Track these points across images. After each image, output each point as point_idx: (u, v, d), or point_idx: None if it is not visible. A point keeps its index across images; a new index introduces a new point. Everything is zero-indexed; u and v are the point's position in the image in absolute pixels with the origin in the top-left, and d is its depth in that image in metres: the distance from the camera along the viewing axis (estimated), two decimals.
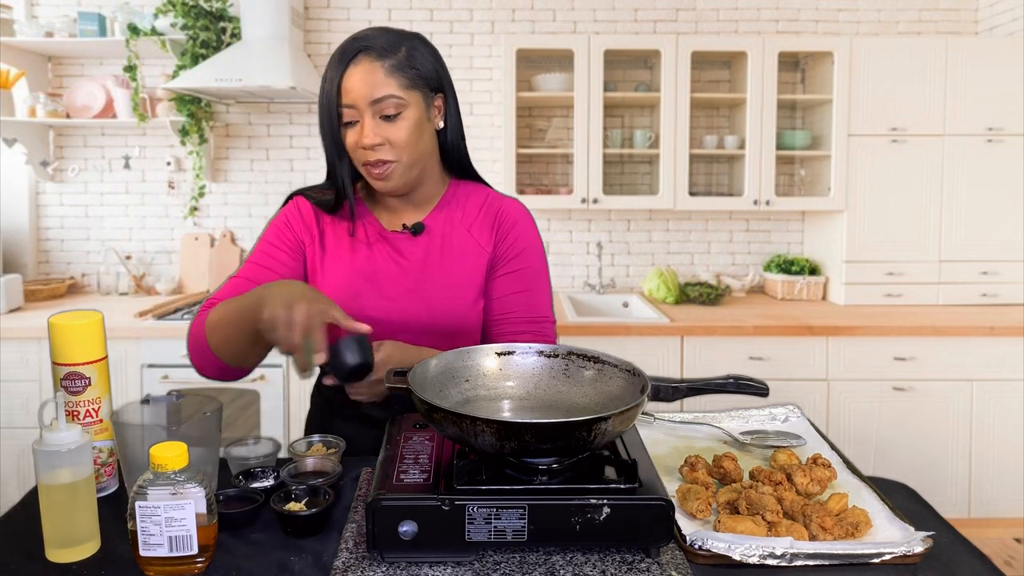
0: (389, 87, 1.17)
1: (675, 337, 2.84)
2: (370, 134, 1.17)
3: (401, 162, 1.21)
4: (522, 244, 1.32)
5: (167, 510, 0.85)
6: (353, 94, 1.17)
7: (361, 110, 1.18)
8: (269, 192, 3.44)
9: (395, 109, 1.18)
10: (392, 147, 1.19)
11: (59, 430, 0.90)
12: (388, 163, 1.20)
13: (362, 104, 1.17)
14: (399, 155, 1.20)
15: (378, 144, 1.18)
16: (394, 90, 1.18)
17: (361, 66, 1.17)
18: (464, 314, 1.28)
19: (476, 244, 1.31)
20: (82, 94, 3.26)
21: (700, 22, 3.40)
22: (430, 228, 1.30)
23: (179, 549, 0.86)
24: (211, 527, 0.88)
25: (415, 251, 1.29)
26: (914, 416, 2.84)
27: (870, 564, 0.87)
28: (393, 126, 1.19)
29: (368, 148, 1.18)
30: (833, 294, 3.25)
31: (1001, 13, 3.24)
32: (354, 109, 1.18)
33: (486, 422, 0.85)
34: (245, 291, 1.16)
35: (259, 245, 1.32)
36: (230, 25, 3.19)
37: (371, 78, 1.17)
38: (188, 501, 0.85)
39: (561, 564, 0.88)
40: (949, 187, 3.09)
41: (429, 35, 3.37)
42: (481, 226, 1.32)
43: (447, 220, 1.32)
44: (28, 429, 2.77)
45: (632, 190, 3.47)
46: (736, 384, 1.08)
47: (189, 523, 0.85)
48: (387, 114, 1.18)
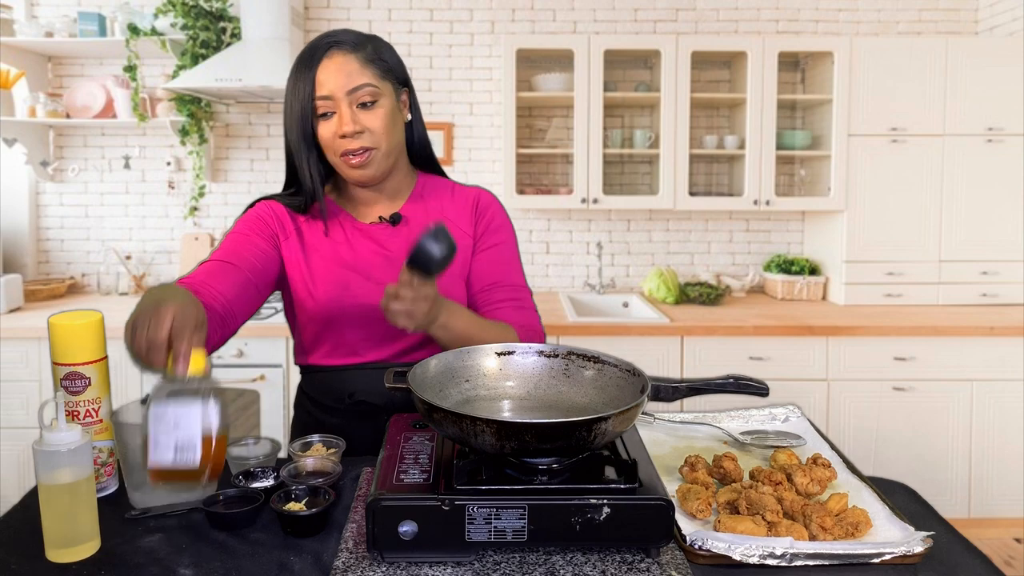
0: (364, 76, 1.21)
1: (675, 337, 2.84)
2: (349, 122, 1.20)
3: (380, 150, 1.23)
4: (497, 223, 1.38)
5: (171, 415, 0.83)
6: (329, 85, 1.19)
7: (338, 100, 1.20)
8: (269, 192, 3.42)
9: (371, 97, 1.21)
10: (371, 134, 1.22)
11: (59, 430, 0.90)
12: (368, 150, 1.22)
13: (339, 94, 1.20)
14: (378, 142, 1.23)
15: (357, 131, 1.20)
16: (369, 79, 1.21)
17: (335, 59, 1.20)
18: (452, 294, 1.29)
19: (457, 228, 1.34)
20: (82, 94, 3.26)
21: (700, 22, 3.40)
22: (407, 218, 1.33)
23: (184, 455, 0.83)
24: (219, 440, 0.84)
25: (396, 241, 1.31)
26: (914, 416, 2.84)
27: (870, 564, 0.87)
28: (370, 114, 1.22)
29: (348, 136, 1.20)
30: (833, 294, 3.25)
31: (1001, 13, 3.24)
32: (330, 100, 1.20)
33: (486, 422, 0.85)
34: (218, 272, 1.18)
35: (230, 235, 1.31)
36: (230, 25, 3.19)
37: (347, 68, 1.20)
38: (195, 402, 0.83)
39: (561, 564, 0.88)
40: (949, 187, 3.09)
41: (429, 35, 3.38)
42: (458, 212, 1.36)
43: (423, 210, 1.35)
44: (28, 429, 2.77)
45: (632, 190, 3.47)
46: (736, 384, 1.08)
47: (194, 427, 0.83)
48: (364, 102, 1.21)
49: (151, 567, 0.89)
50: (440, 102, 3.39)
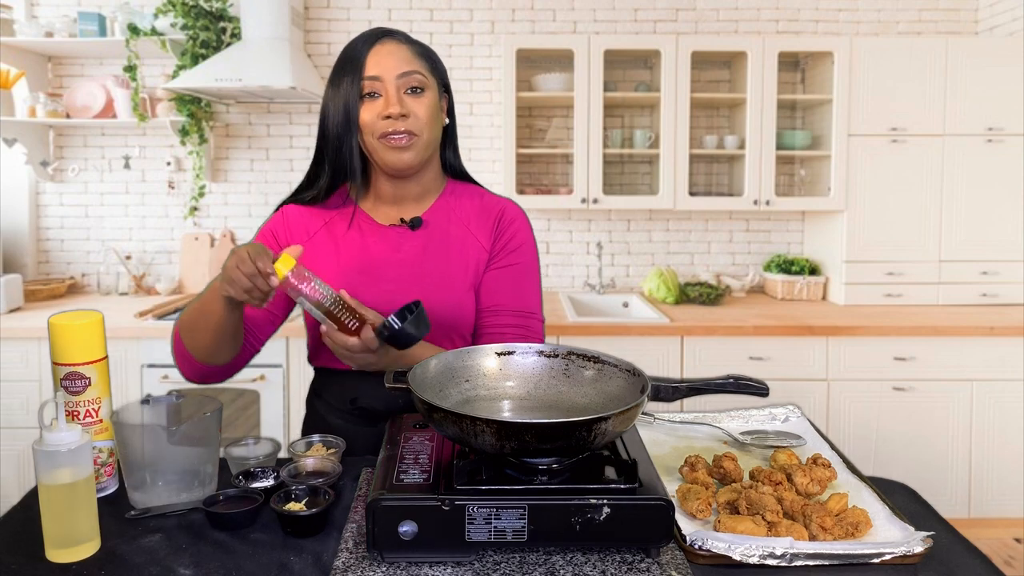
0: (416, 64, 1.23)
1: (675, 337, 2.84)
2: (395, 103, 1.21)
3: (422, 137, 1.24)
4: (518, 241, 1.35)
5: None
6: (381, 66, 1.21)
7: (386, 82, 1.21)
8: (269, 192, 3.44)
9: (420, 84, 1.23)
10: (416, 120, 1.22)
11: (59, 430, 0.90)
12: (411, 135, 1.23)
13: (389, 76, 1.21)
14: (421, 129, 1.23)
15: (403, 114, 1.21)
16: (420, 68, 1.23)
17: (387, 46, 1.23)
18: (460, 306, 1.30)
19: (475, 240, 1.33)
20: (82, 94, 3.26)
21: (700, 22, 3.40)
22: (428, 223, 1.32)
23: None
24: None
25: (413, 245, 1.30)
26: (914, 416, 2.84)
27: (870, 564, 0.87)
28: (417, 100, 1.23)
29: (394, 116, 1.21)
30: (833, 294, 3.25)
31: (1001, 13, 3.24)
32: (378, 81, 1.21)
33: (486, 422, 0.85)
34: None
35: None
36: (230, 25, 3.19)
37: (399, 54, 1.23)
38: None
39: (561, 564, 0.88)
40: (949, 187, 3.09)
41: (429, 35, 3.38)
42: (480, 223, 1.34)
43: (445, 216, 1.34)
44: (28, 429, 2.77)
45: (632, 190, 3.47)
46: (736, 384, 1.08)
47: None
48: (413, 87, 1.23)
49: (151, 567, 0.89)
50: None
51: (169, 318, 2.80)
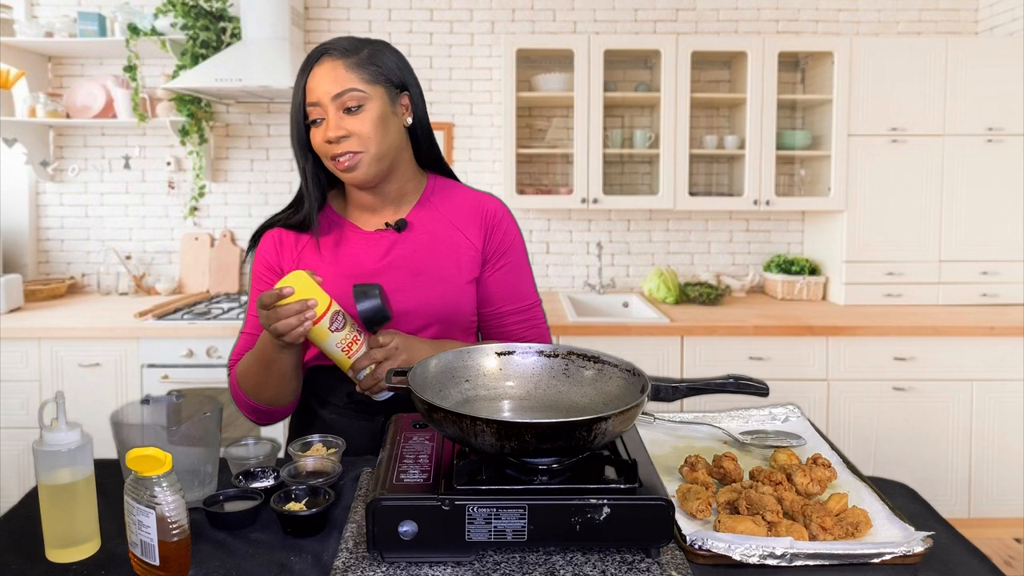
0: (350, 81, 1.22)
1: (675, 337, 2.84)
2: (333, 127, 1.22)
3: (368, 152, 1.24)
4: (509, 240, 1.38)
5: (136, 512, 0.85)
6: (317, 91, 1.22)
7: (325, 106, 1.22)
8: (269, 192, 3.44)
9: (357, 102, 1.22)
10: (358, 138, 1.23)
11: (59, 430, 0.90)
12: (355, 153, 1.23)
13: (325, 99, 1.22)
14: (365, 146, 1.23)
15: (342, 136, 1.22)
16: (355, 84, 1.22)
17: (324, 66, 1.23)
18: (458, 298, 1.31)
19: (464, 239, 1.34)
20: (82, 94, 3.26)
21: (700, 22, 3.40)
22: (413, 224, 1.33)
23: (146, 555, 0.85)
24: (180, 543, 0.84)
25: (403, 248, 1.32)
26: (914, 416, 2.84)
27: (870, 564, 0.87)
28: (356, 118, 1.23)
29: (332, 141, 1.22)
30: (833, 294, 3.25)
31: (1001, 13, 3.24)
32: (318, 107, 1.23)
33: (486, 422, 0.85)
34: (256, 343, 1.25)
35: (251, 296, 1.38)
36: (230, 25, 3.19)
37: (332, 74, 1.22)
38: (150, 510, 0.83)
39: (561, 564, 0.88)
40: (949, 187, 3.09)
41: (429, 35, 3.38)
42: (467, 222, 1.36)
43: (430, 216, 1.35)
44: (28, 429, 2.77)
45: (632, 190, 3.47)
46: (736, 384, 1.08)
47: (152, 532, 0.84)
48: (349, 107, 1.22)
49: None
50: (440, 102, 3.39)
51: (169, 318, 2.80)
